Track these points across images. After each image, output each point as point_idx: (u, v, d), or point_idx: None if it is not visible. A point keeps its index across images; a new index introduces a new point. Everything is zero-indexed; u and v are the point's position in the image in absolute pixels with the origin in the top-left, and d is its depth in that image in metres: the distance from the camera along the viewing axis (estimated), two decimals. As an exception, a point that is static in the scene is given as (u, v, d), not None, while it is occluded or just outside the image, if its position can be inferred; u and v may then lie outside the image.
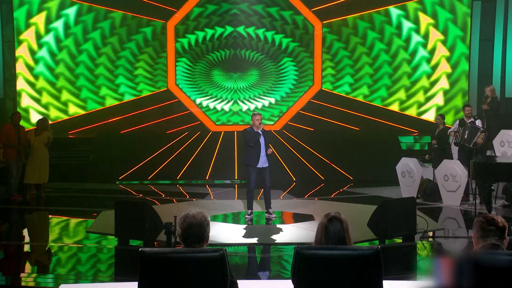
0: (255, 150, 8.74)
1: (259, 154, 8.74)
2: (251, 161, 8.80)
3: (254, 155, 8.75)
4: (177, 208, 9.89)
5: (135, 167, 13.93)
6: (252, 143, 8.72)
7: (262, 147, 8.75)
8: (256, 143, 8.72)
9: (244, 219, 8.93)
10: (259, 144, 8.74)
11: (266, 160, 8.83)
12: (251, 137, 8.72)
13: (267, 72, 15.40)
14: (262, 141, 8.77)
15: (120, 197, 11.06)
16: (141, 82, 15.24)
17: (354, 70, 15.30)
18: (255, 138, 8.68)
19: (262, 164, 8.79)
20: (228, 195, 11.87)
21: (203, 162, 14.08)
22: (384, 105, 15.23)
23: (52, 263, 7.04)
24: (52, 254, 7.45)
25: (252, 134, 8.71)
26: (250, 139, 8.73)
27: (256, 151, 8.73)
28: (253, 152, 8.77)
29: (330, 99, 15.16)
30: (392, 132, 14.80)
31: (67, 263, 6.99)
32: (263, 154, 8.78)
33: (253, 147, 8.73)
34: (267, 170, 8.87)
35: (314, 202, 10.74)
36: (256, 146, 8.73)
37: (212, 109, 15.37)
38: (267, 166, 8.85)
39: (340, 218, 3.40)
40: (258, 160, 8.74)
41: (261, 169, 8.83)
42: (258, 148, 8.73)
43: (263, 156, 8.77)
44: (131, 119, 14.94)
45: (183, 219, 3.29)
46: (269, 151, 8.72)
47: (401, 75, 15.22)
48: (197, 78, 15.37)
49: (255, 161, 8.74)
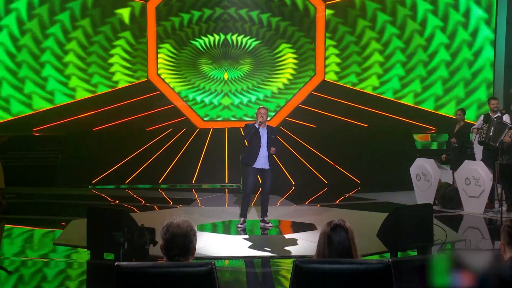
0: (254, 147, 8.78)
1: (257, 152, 8.76)
2: (247, 159, 8.84)
3: (252, 152, 8.78)
4: (159, 216, 9.83)
5: (111, 169, 13.94)
6: (246, 139, 8.75)
7: (262, 145, 8.77)
8: (254, 140, 8.73)
9: (236, 229, 8.94)
10: (258, 141, 8.76)
11: (267, 162, 8.82)
12: (247, 132, 8.75)
13: (262, 61, 15.41)
14: (264, 139, 8.79)
15: (93, 203, 11.02)
16: (117, 72, 15.23)
17: (362, 58, 15.34)
18: (250, 133, 8.69)
19: (262, 165, 8.80)
20: (218, 201, 11.85)
21: (189, 163, 14.09)
22: (397, 98, 15.28)
23: (12, 281, 7.01)
24: (13, 270, 7.41)
25: (250, 129, 8.73)
26: (246, 133, 8.76)
27: (254, 148, 8.77)
28: (251, 149, 8.80)
29: (334, 91, 15.20)
30: (406, 129, 14.85)
31: (31, 280, 6.96)
32: (263, 154, 8.78)
33: (252, 144, 8.76)
34: (268, 174, 8.88)
35: (316, 209, 10.76)
36: (255, 143, 8.75)
37: (199, 102, 15.37)
38: (268, 169, 8.86)
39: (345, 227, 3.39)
40: (255, 159, 8.77)
41: (261, 171, 8.84)
42: (257, 145, 8.76)
43: (263, 157, 8.77)
44: (106, 114, 14.94)
45: (165, 228, 3.28)
46: (271, 151, 8.71)
47: (416, 64, 15.27)
48: (182, 67, 15.37)
49: (252, 159, 8.76)
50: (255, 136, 8.76)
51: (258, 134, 8.78)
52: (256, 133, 8.76)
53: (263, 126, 8.79)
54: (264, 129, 8.83)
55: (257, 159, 8.78)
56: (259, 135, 8.79)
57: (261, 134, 8.81)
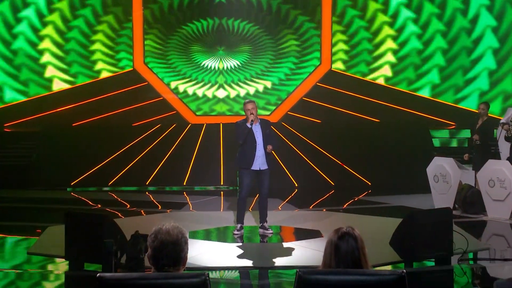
0: (248, 148, 8.73)
1: (253, 153, 8.72)
2: (242, 162, 8.79)
3: (247, 154, 8.73)
4: (146, 222, 9.80)
5: (92, 169, 13.90)
6: (240, 140, 8.72)
7: (258, 144, 8.74)
8: (248, 140, 8.70)
9: (232, 236, 8.94)
10: (253, 140, 8.71)
11: (265, 161, 8.79)
12: (239, 133, 8.71)
13: (262, 48, 15.41)
14: (258, 137, 8.76)
15: (72, 208, 11.00)
16: (99, 61, 15.21)
17: (373, 46, 15.34)
18: (244, 134, 8.65)
19: (259, 165, 8.77)
20: (212, 206, 11.84)
21: (180, 163, 14.07)
22: (412, 90, 15.28)
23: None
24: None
25: (242, 129, 8.69)
26: (239, 134, 8.72)
27: (249, 149, 8.72)
28: (245, 150, 8.75)
29: (342, 83, 15.19)
30: (422, 125, 14.86)
31: (3, 293, 6.97)
32: (260, 153, 8.74)
33: (246, 145, 8.73)
34: (266, 174, 8.84)
35: (321, 214, 10.75)
36: (249, 143, 8.71)
37: (191, 95, 15.35)
38: (266, 169, 8.82)
39: (354, 235, 3.39)
40: (252, 160, 8.74)
41: (258, 172, 8.81)
42: (253, 145, 8.71)
43: (260, 156, 8.74)
44: (86, 108, 14.91)
45: (153, 235, 3.27)
46: (268, 148, 8.68)
47: (433, 52, 15.27)
48: (172, 55, 15.35)
49: (249, 161, 8.72)
50: (249, 136, 8.73)
51: (251, 133, 8.75)
52: (250, 132, 8.74)
53: (256, 122, 8.76)
54: (257, 126, 8.79)
55: (254, 160, 8.75)
56: (252, 134, 8.75)
57: (255, 131, 8.76)
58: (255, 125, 8.75)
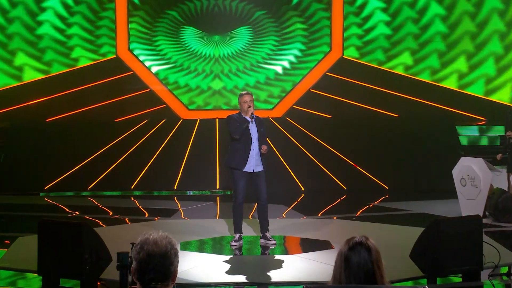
0: (242, 146, 8.75)
1: (247, 152, 8.75)
2: (235, 162, 8.81)
3: (241, 153, 8.75)
4: (131, 231, 9.80)
5: (69, 171, 13.92)
6: (237, 135, 8.73)
7: (253, 143, 8.78)
8: (245, 136, 8.73)
9: (229, 247, 8.96)
10: (249, 137, 8.75)
11: (260, 162, 8.82)
12: (236, 127, 8.73)
13: (263, 33, 15.41)
14: (254, 134, 8.80)
15: (46, 216, 10.94)
16: (77, 47, 15.22)
17: (392, 29, 15.33)
18: (242, 128, 8.68)
19: (253, 167, 8.80)
20: (207, 213, 11.86)
21: (170, 164, 14.09)
22: (435, 80, 15.27)
23: None
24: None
25: (240, 123, 8.71)
26: (235, 129, 8.73)
27: (243, 147, 8.74)
28: (239, 149, 8.77)
29: (355, 72, 15.20)
30: (448, 120, 14.86)
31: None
32: (254, 152, 8.77)
33: (240, 142, 8.75)
34: (262, 177, 8.87)
35: (331, 222, 10.76)
36: (244, 140, 8.74)
37: (183, 86, 15.36)
38: (261, 171, 8.85)
39: (367, 245, 3.37)
40: (245, 160, 8.76)
41: (252, 174, 8.84)
42: (248, 143, 8.74)
43: (254, 156, 8.77)
44: (62, 101, 14.91)
45: (139, 246, 3.27)
46: (263, 149, 8.71)
47: (460, 36, 15.25)
48: (161, 41, 15.36)
49: (242, 162, 8.75)
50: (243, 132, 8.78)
51: (247, 129, 8.80)
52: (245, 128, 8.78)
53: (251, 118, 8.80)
54: (252, 122, 8.83)
55: (248, 161, 8.78)
56: (248, 131, 8.80)
57: (250, 128, 8.82)
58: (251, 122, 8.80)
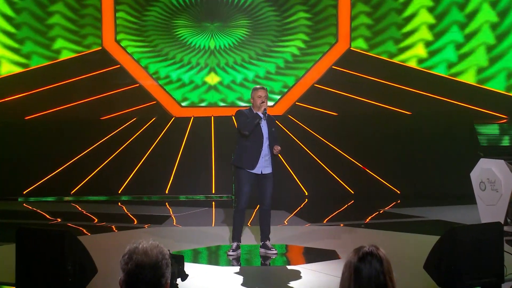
0: (252, 144, 8.76)
1: (259, 151, 8.75)
2: (243, 162, 8.79)
3: (251, 152, 8.75)
4: (119, 240, 9.82)
5: (50, 174, 13.92)
6: (247, 131, 8.73)
7: (264, 142, 8.79)
8: (256, 134, 8.76)
9: (226, 257, 8.95)
10: (260, 135, 8.78)
11: (269, 164, 8.83)
12: (247, 122, 8.73)
13: (263, 22, 15.41)
14: (265, 132, 8.82)
15: (24, 223, 10.94)
16: (59, 38, 15.22)
17: (403, 19, 15.32)
18: (253, 123, 8.67)
19: (262, 168, 8.79)
20: (201, 220, 11.86)
21: (161, 166, 14.09)
22: (452, 74, 15.27)
23: None
24: None
25: (251, 118, 8.71)
26: (246, 124, 8.72)
27: (254, 146, 8.75)
28: (248, 147, 8.77)
29: (364, 66, 15.23)
30: (465, 118, 14.86)
31: None
32: (265, 153, 8.78)
33: (250, 140, 8.76)
34: (269, 180, 8.86)
35: (338, 230, 10.75)
36: (255, 138, 8.76)
37: (175, 81, 15.36)
38: (269, 173, 8.85)
39: (378, 255, 3.37)
40: (256, 161, 8.76)
41: (260, 177, 8.82)
42: (258, 141, 8.76)
43: (264, 157, 8.78)
44: (42, 98, 14.93)
45: (128, 256, 3.26)
46: (276, 149, 8.69)
47: (480, 26, 15.25)
48: (151, 31, 15.36)
49: (251, 162, 8.74)
50: (255, 129, 8.79)
51: (258, 127, 8.82)
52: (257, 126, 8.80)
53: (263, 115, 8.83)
54: (264, 119, 8.86)
55: (258, 161, 8.79)
56: (260, 128, 8.82)
57: (261, 125, 8.84)
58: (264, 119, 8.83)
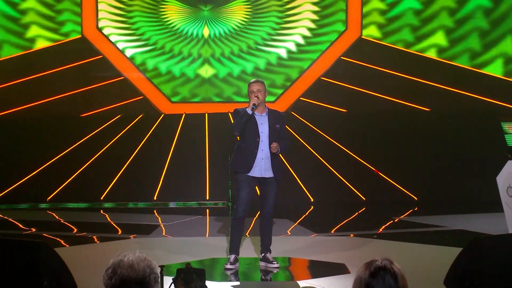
0: (247, 145, 8.76)
1: (254, 152, 8.72)
2: (239, 164, 8.82)
3: (246, 153, 8.75)
4: (101, 252, 9.85)
5: (23, 179, 13.95)
6: (236, 131, 8.74)
7: (262, 141, 8.76)
8: (249, 134, 8.73)
9: (223, 271, 8.91)
10: (255, 134, 8.74)
11: (269, 167, 8.79)
12: (237, 122, 8.70)
13: (264, 8, 15.40)
14: (263, 131, 8.79)
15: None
16: (33, 24, 15.23)
17: (422, 3, 15.30)
18: (241, 122, 8.64)
19: (261, 171, 8.77)
20: (194, 229, 11.93)
21: (149, 170, 14.14)
22: (475, 66, 15.25)
23: None
24: None
25: (241, 117, 8.69)
26: (236, 124, 8.72)
27: (249, 146, 8.74)
28: (244, 148, 8.78)
29: (377, 56, 15.24)
30: (491, 115, 14.89)
31: None
32: (263, 154, 8.76)
33: (245, 140, 8.77)
34: (271, 185, 8.85)
35: (348, 241, 10.78)
36: (249, 138, 8.74)
37: (164, 74, 15.34)
38: (271, 178, 8.83)
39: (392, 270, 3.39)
40: (252, 162, 8.73)
41: (259, 181, 8.84)
42: (254, 141, 8.73)
43: (264, 159, 8.76)
44: (14, 92, 14.94)
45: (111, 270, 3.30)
46: (273, 147, 8.66)
47: (508, 10, 15.24)
48: (137, 18, 15.36)
49: (247, 164, 8.74)
50: (249, 128, 8.74)
51: (254, 125, 8.76)
52: (252, 123, 8.74)
53: (263, 111, 8.79)
54: (263, 116, 8.82)
55: (255, 163, 8.75)
56: (256, 126, 8.77)
57: (259, 124, 8.79)
58: (260, 115, 8.78)
